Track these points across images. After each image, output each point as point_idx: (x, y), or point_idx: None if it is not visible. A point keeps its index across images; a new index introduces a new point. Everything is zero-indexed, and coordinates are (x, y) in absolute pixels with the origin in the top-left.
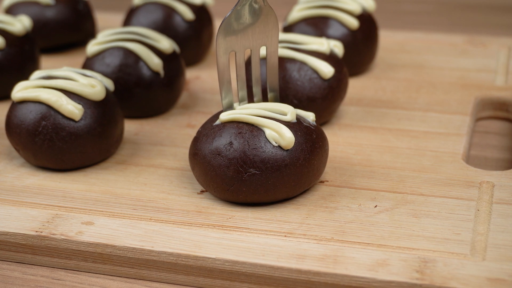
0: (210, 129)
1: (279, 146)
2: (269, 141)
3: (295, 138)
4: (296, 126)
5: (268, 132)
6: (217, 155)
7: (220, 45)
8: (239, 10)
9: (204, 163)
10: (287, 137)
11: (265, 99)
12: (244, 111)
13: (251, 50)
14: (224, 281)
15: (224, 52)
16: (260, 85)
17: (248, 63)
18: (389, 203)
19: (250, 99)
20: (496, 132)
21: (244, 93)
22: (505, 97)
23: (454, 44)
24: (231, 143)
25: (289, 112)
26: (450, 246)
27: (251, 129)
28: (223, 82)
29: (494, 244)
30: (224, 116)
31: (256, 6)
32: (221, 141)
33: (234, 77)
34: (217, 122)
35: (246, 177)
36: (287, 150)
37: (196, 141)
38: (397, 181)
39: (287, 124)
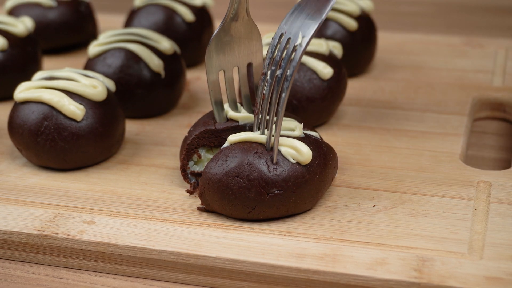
0: (219, 152)
1: (297, 163)
2: (287, 159)
3: None
4: (306, 140)
5: (284, 150)
6: (236, 177)
7: (210, 64)
8: (225, 27)
9: (221, 186)
10: (305, 153)
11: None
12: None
13: (238, 68)
14: (224, 280)
15: (215, 71)
16: (250, 103)
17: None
18: (388, 203)
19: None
20: (493, 132)
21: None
22: (502, 98)
23: (452, 45)
24: (249, 163)
25: (297, 127)
26: (448, 245)
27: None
28: (217, 100)
29: (491, 243)
30: (233, 137)
31: (239, 21)
32: (237, 162)
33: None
34: (226, 144)
35: (269, 198)
36: (305, 165)
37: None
38: (395, 180)
39: (298, 139)
